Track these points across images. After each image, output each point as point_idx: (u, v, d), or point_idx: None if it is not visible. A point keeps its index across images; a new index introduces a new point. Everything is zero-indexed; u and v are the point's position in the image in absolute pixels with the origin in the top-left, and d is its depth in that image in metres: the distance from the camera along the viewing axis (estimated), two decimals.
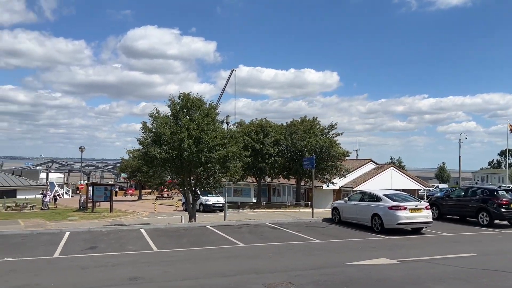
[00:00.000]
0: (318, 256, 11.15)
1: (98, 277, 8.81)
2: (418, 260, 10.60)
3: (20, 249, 11.94)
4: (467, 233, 15.79)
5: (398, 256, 11.00)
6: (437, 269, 9.69)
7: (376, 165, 43.28)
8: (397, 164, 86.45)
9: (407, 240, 14.05)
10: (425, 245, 13.12)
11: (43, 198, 37.22)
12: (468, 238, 14.70)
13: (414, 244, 13.38)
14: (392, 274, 9.19)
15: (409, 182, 42.18)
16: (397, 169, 44.20)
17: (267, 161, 33.79)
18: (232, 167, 19.91)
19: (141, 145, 19.57)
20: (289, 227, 16.65)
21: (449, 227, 17.37)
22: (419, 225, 15.27)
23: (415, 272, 9.41)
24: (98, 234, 14.79)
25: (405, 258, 10.85)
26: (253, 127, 35.33)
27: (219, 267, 9.76)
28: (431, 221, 15.35)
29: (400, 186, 40.36)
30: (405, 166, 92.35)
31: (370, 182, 39.53)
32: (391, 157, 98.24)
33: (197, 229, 16.34)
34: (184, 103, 20.07)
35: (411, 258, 10.87)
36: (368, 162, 43.39)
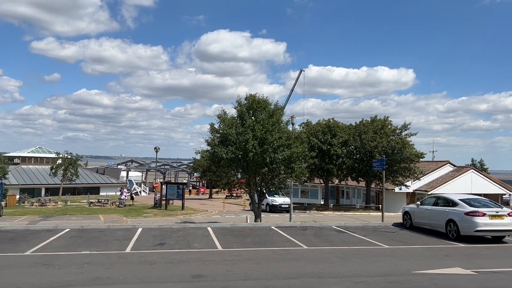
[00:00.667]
0: (385, 263, 10.65)
1: (164, 273, 9.15)
2: (497, 272, 9.73)
3: (96, 243, 12.78)
4: None
5: (474, 266, 10.17)
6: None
7: (454, 168, 40.58)
8: (478, 166, 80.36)
9: (486, 249, 12.96)
10: (507, 256, 12.02)
11: (120, 195, 39.65)
12: None
13: (493, 253, 12.30)
14: (466, 285, 8.51)
15: (491, 186, 39.06)
16: (478, 172, 41.09)
17: (335, 162, 33.07)
18: (296, 168, 19.74)
19: (209, 145, 20.11)
20: (356, 231, 16.14)
21: None
22: (501, 233, 14.01)
23: (492, 285, 8.65)
24: (167, 231, 15.40)
25: (482, 268, 10.00)
26: (320, 127, 34.78)
27: (281, 269, 9.68)
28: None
29: (481, 190, 37.51)
30: (488, 168, 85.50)
31: (447, 185, 37.18)
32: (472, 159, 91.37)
33: (261, 229, 16.40)
34: (249, 104, 20.27)
35: (489, 269, 10.01)
36: (445, 164, 40.79)
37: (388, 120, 34.92)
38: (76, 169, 53.86)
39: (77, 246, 12.17)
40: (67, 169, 53.01)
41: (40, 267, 9.44)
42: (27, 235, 14.13)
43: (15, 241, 12.96)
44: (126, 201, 38.90)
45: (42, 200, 41.69)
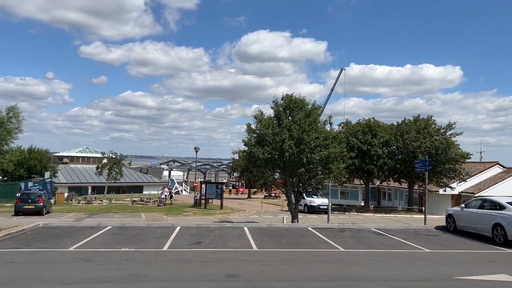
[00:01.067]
0: (425, 267, 10.25)
1: (198, 271, 9.25)
2: None
3: (136, 241, 13.14)
4: None
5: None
6: None
7: (503, 169, 38.55)
8: None
9: None
10: None
11: (160, 195, 40.62)
12: None
13: None
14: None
15: None
16: None
17: (375, 163, 32.28)
18: (334, 168, 19.43)
19: (245, 145, 20.20)
20: (396, 234, 15.67)
21: None
22: None
23: None
24: (204, 230, 15.60)
25: None
26: (359, 127, 34.05)
27: (315, 271, 9.54)
28: None
29: None
30: None
31: (495, 187, 35.32)
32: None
33: (298, 230, 16.27)
34: (286, 104, 20.19)
35: None
36: (494, 165, 38.83)
37: (431, 119, 33.71)
38: (120, 169, 55.79)
39: (117, 243, 12.56)
40: (112, 168, 55.05)
41: (81, 263, 9.81)
42: (72, 231, 14.76)
43: (60, 237, 13.56)
44: (165, 200, 39.77)
45: (88, 198, 43.43)
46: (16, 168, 47.32)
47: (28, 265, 9.57)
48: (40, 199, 26.71)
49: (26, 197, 26.96)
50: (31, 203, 26.21)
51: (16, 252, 11.05)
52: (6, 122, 32.55)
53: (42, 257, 10.56)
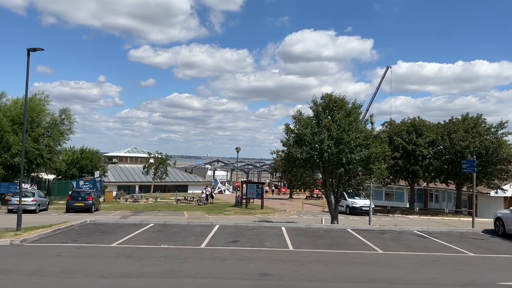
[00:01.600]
0: (467, 272, 9.84)
1: (232, 269, 9.39)
2: None
3: (175, 238, 13.52)
4: None
5: None
6: None
7: None
8: None
9: None
10: None
11: (201, 194, 41.39)
12: None
13: None
14: None
15: None
16: None
17: (421, 164, 31.16)
18: (375, 169, 18.98)
19: (284, 146, 20.16)
20: (440, 237, 15.11)
21: None
22: None
23: None
24: (242, 229, 15.77)
25: None
26: (404, 126, 32.99)
27: (350, 272, 9.42)
28: None
29: None
30: None
31: None
32: None
33: (336, 231, 16.07)
34: (325, 103, 19.98)
35: None
36: None
37: (481, 118, 32.12)
38: (165, 168, 57.46)
39: (157, 240, 12.98)
40: (158, 168, 56.80)
41: (122, 258, 10.23)
42: (116, 228, 15.40)
43: (105, 233, 14.19)
44: (205, 199, 40.34)
45: (135, 196, 45.03)
46: (69, 168, 50.01)
47: (73, 258, 10.10)
48: (89, 197, 28.00)
49: (76, 195, 28.36)
50: (81, 200, 27.53)
51: (63, 246, 11.69)
52: (59, 123, 34.40)
53: (86, 251, 11.10)
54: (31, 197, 26.03)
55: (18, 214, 14.45)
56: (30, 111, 31.56)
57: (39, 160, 32.62)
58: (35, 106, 32.80)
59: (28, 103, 32.62)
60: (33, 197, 26.10)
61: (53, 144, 33.68)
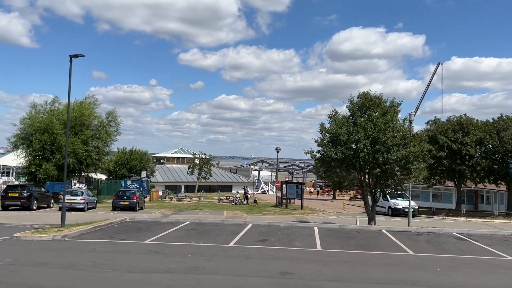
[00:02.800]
0: (502, 275, 9.41)
1: (255, 267, 9.54)
2: None
3: (206, 236, 13.86)
4: None
5: None
6: None
7: None
8: None
9: None
10: None
11: (236, 194, 41.62)
12: None
13: None
14: None
15: None
16: None
17: (467, 163, 29.75)
18: (413, 169, 18.41)
19: (318, 145, 20.01)
20: (480, 240, 14.45)
21: None
22: None
23: None
24: (274, 229, 15.87)
25: None
26: (450, 125, 31.61)
27: (375, 274, 9.28)
28: None
29: None
30: None
31: None
32: None
33: (371, 232, 15.79)
34: (361, 102, 19.65)
35: None
36: None
37: None
38: (209, 168, 58.66)
39: (189, 238, 13.37)
40: (202, 168, 58.08)
41: (151, 254, 10.67)
42: (152, 226, 16.00)
43: (141, 231, 14.80)
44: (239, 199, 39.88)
45: (180, 196, 46.27)
46: (119, 168, 52.31)
47: (106, 254, 10.67)
48: (134, 196, 29.18)
49: (122, 194, 29.66)
50: (126, 199, 28.73)
51: (100, 242, 12.34)
52: (106, 125, 36.10)
53: (120, 247, 11.66)
54: (80, 195, 27.48)
55: (62, 212, 15.40)
56: (80, 115, 33.36)
57: (88, 160, 34.37)
58: (84, 109, 34.63)
59: (78, 107, 34.65)
60: (82, 196, 27.54)
61: (101, 145, 35.40)
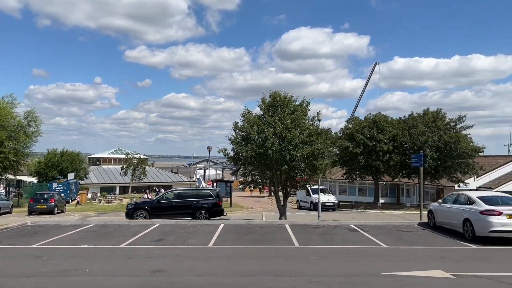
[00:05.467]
0: (363, 263, 10.14)
1: (130, 267, 9.62)
2: (479, 276, 8.81)
3: (102, 238, 13.73)
4: None
5: (460, 270, 9.32)
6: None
7: None
8: None
9: (498, 251, 11.70)
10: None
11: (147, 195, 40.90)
12: None
13: (503, 257, 11.09)
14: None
15: None
16: None
17: (382, 159, 31.59)
18: (318, 165, 19.30)
19: (231, 144, 20.40)
20: (370, 230, 15.43)
21: None
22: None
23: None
24: (179, 228, 15.98)
25: (466, 272, 9.12)
26: (366, 123, 33.41)
27: (248, 266, 9.68)
28: None
29: None
30: None
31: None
32: None
33: (273, 227, 16.35)
34: (271, 101, 20.28)
35: (474, 273, 9.08)
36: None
37: (441, 112, 32.57)
38: (144, 169, 57.62)
39: (82, 240, 13.17)
40: (136, 168, 56.92)
41: (31, 259, 10.42)
42: (52, 229, 15.56)
43: (36, 235, 14.34)
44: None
45: (109, 198, 45.12)
46: (49, 170, 50.04)
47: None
48: (51, 199, 28.13)
49: (39, 197, 28.48)
50: (43, 203, 27.66)
51: None
52: (26, 126, 34.44)
53: (2, 253, 11.29)
54: None
55: None
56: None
57: (5, 163, 32.67)
58: (0, 109, 32.82)
59: None
60: None
61: (19, 147, 33.71)
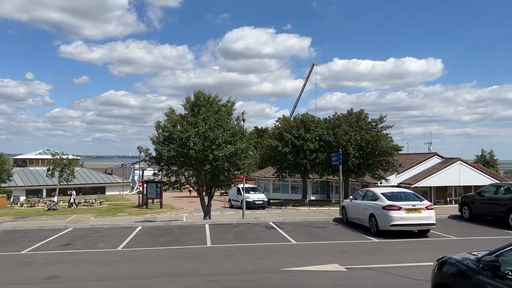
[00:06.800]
0: (267, 260, 10.41)
1: (24, 274, 9.19)
2: (369, 268, 9.37)
3: (5, 244, 12.96)
4: (484, 238, 13.58)
5: (354, 263, 9.87)
6: (379, 279, 8.49)
7: (441, 159, 39.55)
8: (488, 157, 78.30)
9: (396, 244, 12.50)
10: (408, 251, 11.50)
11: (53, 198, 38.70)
12: (475, 244, 12.62)
13: (398, 249, 11.86)
14: (318, 283, 8.25)
15: (480, 177, 37.80)
16: (467, 164, 39.89)
17: (309, 158, 32.62)
18: (241, 164, 19.53)
19: (153, 144, 20.05)
20: (286, 227, 15.86)
21: (469, 229, 15.19)
22: (418, 227, 13.55)
23: (345, 282, 8.36)
24: (93, 231, 15.48)
25: (359, 265, 9.68)
26: (294, 123, 34.36)
27: (157, 269, 9.59)
28: (433, 223, 13.52)
29: (469, 182, 36.78)
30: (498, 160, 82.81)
31: (432, 178, 36.29)
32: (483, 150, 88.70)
33: (192, 227, 16.30)
34: (195, 101, 20.19)
35: (366, 265, 9.65)
36: (433, 157, 39.78)
37: (364, 112, 34.22)
38: (72, 170, 54.94)
39: None
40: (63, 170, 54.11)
41: None
42: None
43: None
44: (54, 204, 36.00)
45: (32, 201, 42.53)
46: None
47: None
48: None
49: None
50: None
51: None
52: None
53: None
54: None
55: None
56: None
57: None
58: None
59: None
60: None
61: None
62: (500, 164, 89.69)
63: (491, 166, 72.79)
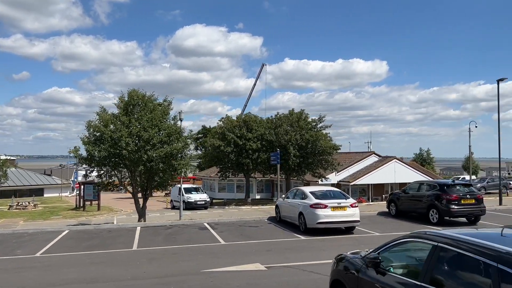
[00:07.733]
0: (190, 262, 10.33)
1: None
2: (288, 266, 9.57)
3: None
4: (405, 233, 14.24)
5: (276, 261, 10.04)
6: (295, 277, 8.69)
7: (378, 158, 41.26)
8: (425, 155, 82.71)
9: (321, 241, 12.86)
10: (330, 248, 11.79)
11: None
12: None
13: (321, 246, 12.19)
14: (234, 283, 8.28)
15: (414, 175, 39.72)
16: (401, 162, 41.91)
17: (251, 157, 32.86)
18: (177, 164, 19.26)
19: (84, 144, 19.26)
20: (220, 228, 15.84)
21: (392, 225, 15.96)
22: (343, 224, 14.05)
23: (261, 281, 8.46)
24: (15, 236, 14.66)
25: (280, 264, 9.86)
26: (237, 122, 34.48)
27: (67, 275, 9.21)
28: (357, 220, 14.08)
29: (404, 179, 38.39)
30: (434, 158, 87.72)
31: (370, 175, 37.74)
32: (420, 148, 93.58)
33: (123, 230, 15.86)
34: (128, 100, 19.64)
35: (286, 263, 9.85)
36: (370, 155, 41.40)
37: (304, 113, 34.96)
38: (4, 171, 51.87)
39: None
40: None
41: None
42: None
43: None
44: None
45: None
46: None
47: None
48: None
49: None
50: None
51: None
52: None
53: None
54: None
55: None
56: None
57: None
58: None
59: None
60: None
61: None
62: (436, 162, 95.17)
63: (427, 163, 77.02)
